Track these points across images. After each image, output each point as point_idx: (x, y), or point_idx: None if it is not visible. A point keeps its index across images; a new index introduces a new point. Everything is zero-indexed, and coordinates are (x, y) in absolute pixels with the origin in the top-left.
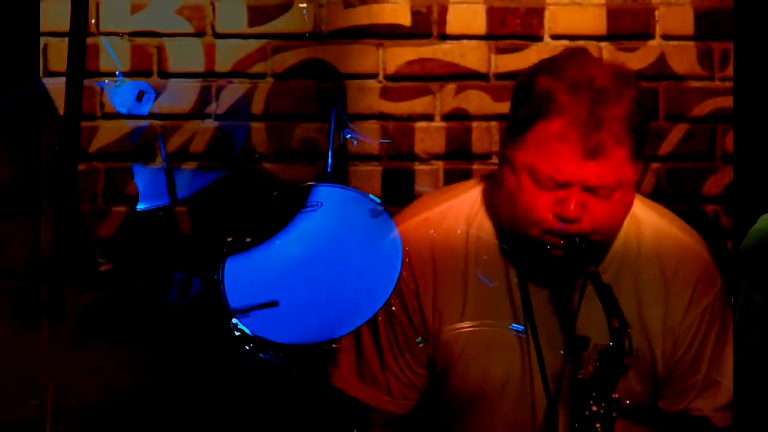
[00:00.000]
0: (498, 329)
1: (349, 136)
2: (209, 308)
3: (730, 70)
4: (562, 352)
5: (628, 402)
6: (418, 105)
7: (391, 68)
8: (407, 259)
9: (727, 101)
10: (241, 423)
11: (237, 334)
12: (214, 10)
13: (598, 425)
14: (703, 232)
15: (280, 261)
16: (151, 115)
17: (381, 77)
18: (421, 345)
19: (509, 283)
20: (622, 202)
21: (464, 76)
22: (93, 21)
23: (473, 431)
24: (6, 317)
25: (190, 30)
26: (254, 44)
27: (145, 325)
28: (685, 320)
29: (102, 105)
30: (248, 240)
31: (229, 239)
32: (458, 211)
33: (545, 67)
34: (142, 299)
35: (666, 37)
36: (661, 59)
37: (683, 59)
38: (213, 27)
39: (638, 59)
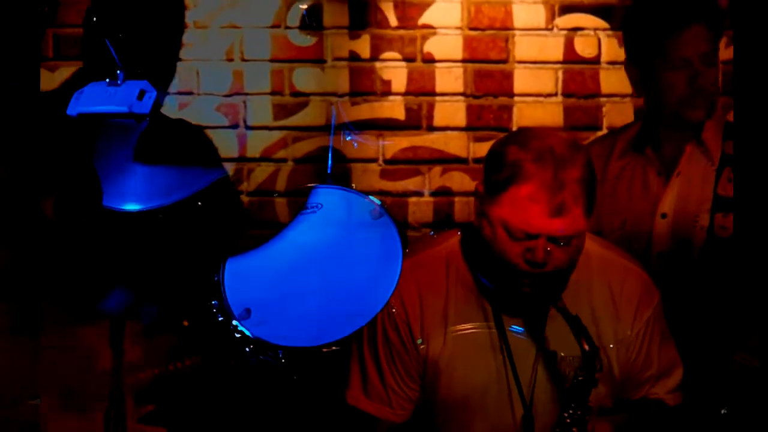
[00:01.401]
0: (474, 349)
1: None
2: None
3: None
4: (533, 366)
5: (593, 402)
6: (411, 183)
7: (389, 154)
8: (400, 296)
9: None
10: (241, 423)
11: (237, 335)
12: (245, 107)
13: (575, 429)
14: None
15: (280, 263)
16: None
17: (380, 161)
18: (422, 346)
19: (485, 312)
20: (577, 247)
21: (448, 160)
22: None
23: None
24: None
25: (226, 123)
26: (278, 135)
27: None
28: (633, 330)
29: None
30: (248, 243)
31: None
32: (440, 256)
33: (513, 138)
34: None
35: (611, 128)
36: None
37: None
38: (245, 121)
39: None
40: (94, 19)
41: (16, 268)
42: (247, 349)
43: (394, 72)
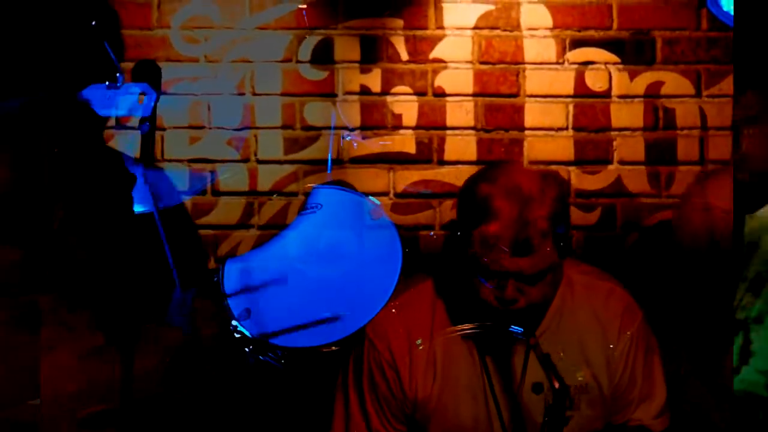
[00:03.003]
0: (462, 385)
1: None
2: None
3: (674, 189)
4: (517, 399)
5: (584, 428)
6: (422, 217)
7: (400, 187)
8: (387, 339)
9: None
10: (241, 423)
11: (237, 336)
12: (256, 141)
13: None
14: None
15: (279, 263)
16: (204, 225)
17: (391, 195)
18: (411, 391)
19: (470, 351)
20: (552, 281)
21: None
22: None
23: None
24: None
25: (237, 157)
26: (289, 168)
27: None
28: (618, 347)
29: None
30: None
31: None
32: (424, 296)
33: (484, 175)
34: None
35: (622, 162)
36: (618, 180)
37: (636, 180)
38: (256, 155)
39: (600, 180)
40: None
41: (23, 265)
42: (247, 350)
43: (405, 106)
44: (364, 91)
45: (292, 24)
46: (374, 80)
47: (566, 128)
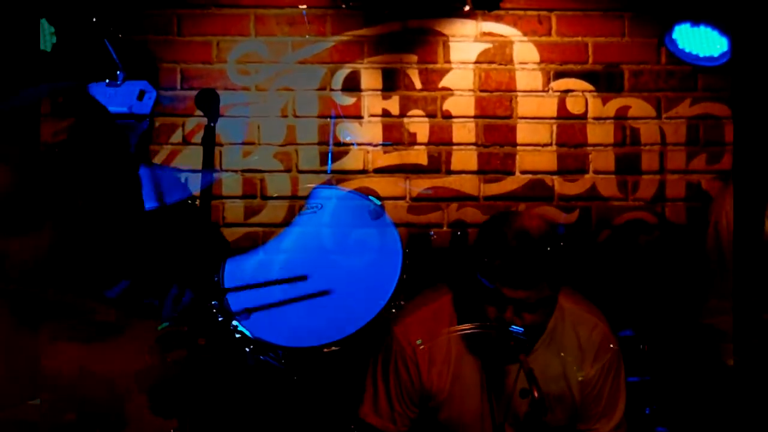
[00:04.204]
0: (468, 384)
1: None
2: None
3: (640, 193)
4: (510, 400)
5: (554, 422)
6: (433, 217)
7: (414, 192)
8: (412, 344)
9: (639, 214)
10: (242, 423)
11: (237, 336)
12: (297, 154)
13: None
14: None
15: (279, 263)
16: (255, 224)
17: (408, 198)
18: (429, 385)
19: (475, 359)
20: (545, 311)
21: (463, 198)
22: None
23: None
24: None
25: (281, 168)
26: (324, 177)
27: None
28: (591, 371)
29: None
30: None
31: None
32: (443, 312)
33: (504, 218)
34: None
35: (596, 172)
36: (593, 187)
37: (608, 186)
38: (297, 166)
39: (578, 186)
40: (94, 19)
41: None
42: (247, 350)
43: (419, 126)
44: (386, 114)
45: (326, 59)
46: (393, 105)
47: (551, 144)
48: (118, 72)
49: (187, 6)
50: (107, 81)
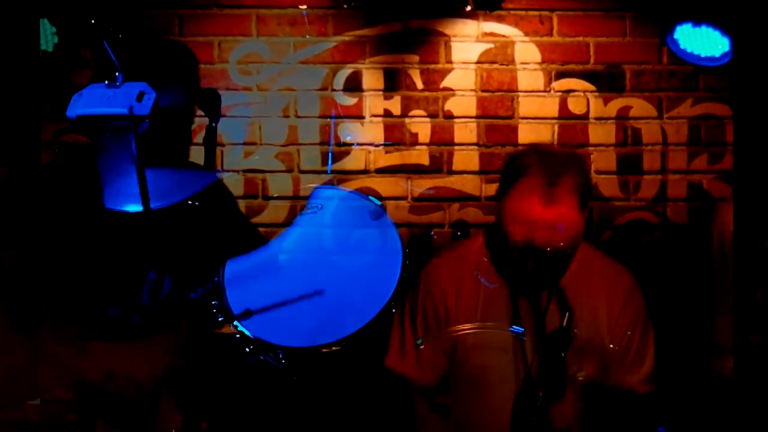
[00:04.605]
0: (494, 329)
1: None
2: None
3: (641, 193)
4: (534, 342)
5: (582, 376)
6: (435, 217)
7: (416, 192)
8: (441, 287)
9: (640, 214)
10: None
11: (237, 336)
12: (299, 154)
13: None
14: None
15: (280, 263)
16: (257, 224)
17: (409, 198)
18: (422, 347)
19: (505, 311)
20: (573, 235)
21: (464, 198)
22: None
23: (480, 395)
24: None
25: (283, 168)
26: (325, 177)
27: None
28: (620, 318)
29: None
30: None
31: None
32: (471, 257)
33: (525, 150)
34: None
35: (598, 172)
36: (595, 187)
37: (609, 187)
38: (298, 166)
39: None
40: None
41: (20, 267)
42: (247, 350)
43: (420, 126)
44: (387, 114)
45: (328, 59)
46: (395, 105)
47: (552, 144)
48: (117, 73)
49: (189, 6)
50: (106, 82)
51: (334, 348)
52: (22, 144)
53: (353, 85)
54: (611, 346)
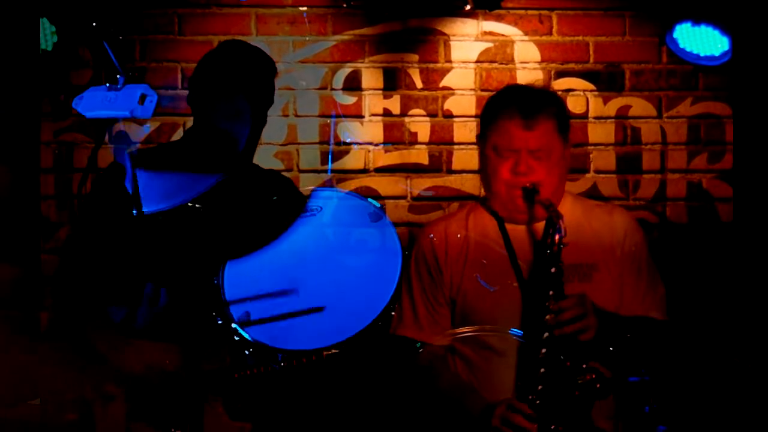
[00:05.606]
0: (489, 263)
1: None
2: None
3: (640, 193)
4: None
5: (594, 304)
6: (434, 216)
7: (415, 192)
8: (428, 236)
9: (639, 214)
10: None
11: (237, 339)
12: (298, 154)
13: (551, 292)
14: None
15: (280, 265)
16: None
17: (409, 198)
18: (432, 309)
19: (495, 224)
20: (556, 164)
21: (464, 197)
22: None
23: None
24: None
25: (282, 167)
26: (325, 176)
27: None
28: (624, 247)
29: None
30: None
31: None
32: (463, 213)
33: (502, 89)
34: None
35: (597, 171)
36: (594, 186)
37: (609, 186)
38: (297, 165)
39: (579, 186)
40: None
41: (22, 278)
42: (246, 353)
43: (420, 125)
44: (387, 113)
45: (327, 59)
46: (394, 104)
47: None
48: (118, 76)
49: (188, 5)
50: (107, 85)
51: (333, 351)
52: (21, 144)
53: (353, 84)
54: (618, 270)
